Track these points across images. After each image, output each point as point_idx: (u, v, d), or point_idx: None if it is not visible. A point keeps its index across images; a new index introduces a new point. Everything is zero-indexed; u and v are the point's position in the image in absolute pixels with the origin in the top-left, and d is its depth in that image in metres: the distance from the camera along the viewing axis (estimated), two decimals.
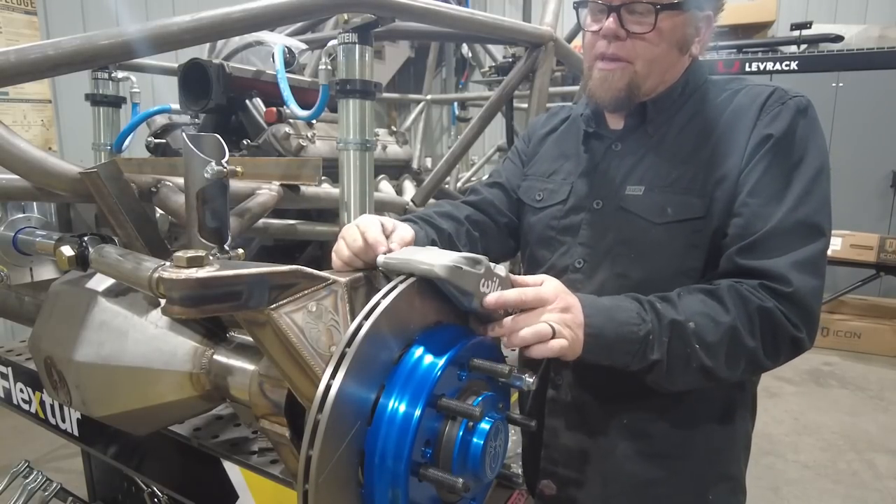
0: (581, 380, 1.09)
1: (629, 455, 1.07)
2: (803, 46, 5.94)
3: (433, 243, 1.07)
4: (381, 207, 1.74)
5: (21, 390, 1.46)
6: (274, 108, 1.74)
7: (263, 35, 1.89)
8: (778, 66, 5.83)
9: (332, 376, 0.66)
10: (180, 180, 1.22)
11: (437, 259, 0.77)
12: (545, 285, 0.88)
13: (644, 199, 1.03)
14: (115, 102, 2.18)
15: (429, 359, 0.73)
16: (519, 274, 1.13)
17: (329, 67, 1.49)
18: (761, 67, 5.89)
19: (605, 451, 1.08)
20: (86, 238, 0.97)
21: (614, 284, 1.03)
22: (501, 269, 0.85)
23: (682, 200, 0.99)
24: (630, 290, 0.98)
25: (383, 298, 0.72)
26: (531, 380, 0.77)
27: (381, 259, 0.84)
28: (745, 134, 0.98)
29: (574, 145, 1.19)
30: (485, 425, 0.74)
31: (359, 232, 0.89)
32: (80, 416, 1.32)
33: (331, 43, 1.46)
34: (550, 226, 1.15)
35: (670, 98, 1.06)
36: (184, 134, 0.97)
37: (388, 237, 0.90)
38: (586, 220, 1.09)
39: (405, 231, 0.94)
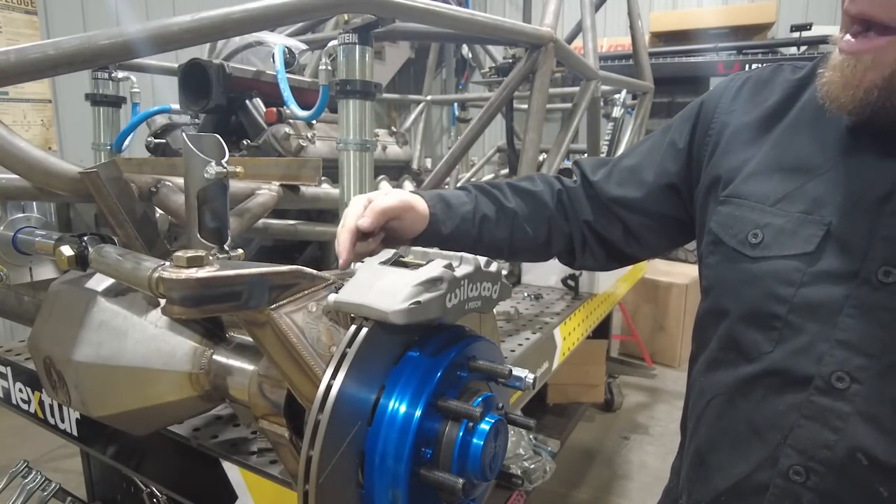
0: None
1: None
2: (803, 48, 5.94)
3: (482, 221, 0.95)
4: None
5: (20, 390, 1.46)
6: (274, 109, 1.74)
7: (263, 35, 1.88)
8: None
9: (333, 377, 0.66)
10: (180, 180, 1.21)
11: (390, 299, 0.69)
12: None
13: None
14: (115, 102, 2.18)
15: (429, 359, 0.73)
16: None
17: (329, 68, 1.49)
18: None
19: None
20: (85, 238, 0.97)
21: None
22: (493, 266, 0.82)
23: None
24: None
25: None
26: (531, 379, 0.77)
27: (331, 299, 0.73)
28: None
29: (820, 149, 0.73)
30: (485, 426, 0.73)
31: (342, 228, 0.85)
32: (79, 416, 1.32)
33: (331, 43, 1.46)
34: (776, 295, 0.70)
35: None
36: (184, 134, 0.97)
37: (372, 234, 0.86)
38: (856, 301, 0.66)
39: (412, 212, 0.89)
